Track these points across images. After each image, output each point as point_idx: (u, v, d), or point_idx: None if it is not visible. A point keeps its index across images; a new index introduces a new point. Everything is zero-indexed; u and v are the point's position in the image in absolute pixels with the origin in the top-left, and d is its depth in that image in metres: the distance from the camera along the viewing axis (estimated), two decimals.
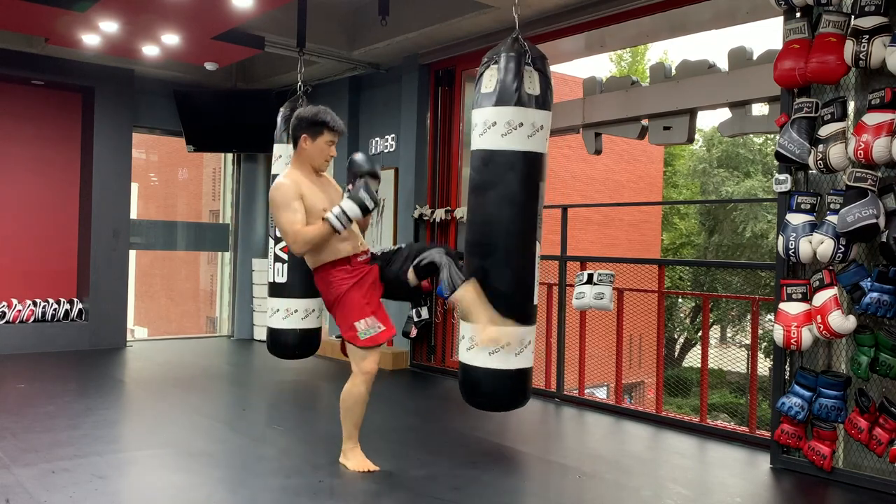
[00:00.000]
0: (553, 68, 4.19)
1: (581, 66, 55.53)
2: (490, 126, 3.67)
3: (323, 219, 3.42)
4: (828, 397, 3.51)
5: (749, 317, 10.34)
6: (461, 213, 6.27)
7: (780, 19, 3.83)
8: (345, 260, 3.55)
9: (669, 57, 22.65)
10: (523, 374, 3.77)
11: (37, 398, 5.03)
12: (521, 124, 3.66)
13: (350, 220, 3.42)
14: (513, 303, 3.68)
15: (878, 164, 3.30)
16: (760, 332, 5.23)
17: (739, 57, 4.82)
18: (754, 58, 4.75)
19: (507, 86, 3.64)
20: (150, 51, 6.36)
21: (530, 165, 3.71)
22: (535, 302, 3.85)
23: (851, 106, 3.57)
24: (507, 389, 3.76)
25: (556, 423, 4.88)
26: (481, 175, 3.75)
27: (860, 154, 3.27)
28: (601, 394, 9.87)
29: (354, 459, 3.61)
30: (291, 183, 3.48)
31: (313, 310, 5.49)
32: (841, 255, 3.38)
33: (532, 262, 3.77)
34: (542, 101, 3.72)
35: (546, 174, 3.88)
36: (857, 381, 3.52)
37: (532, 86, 3.69)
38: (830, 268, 3.51)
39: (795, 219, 3.59)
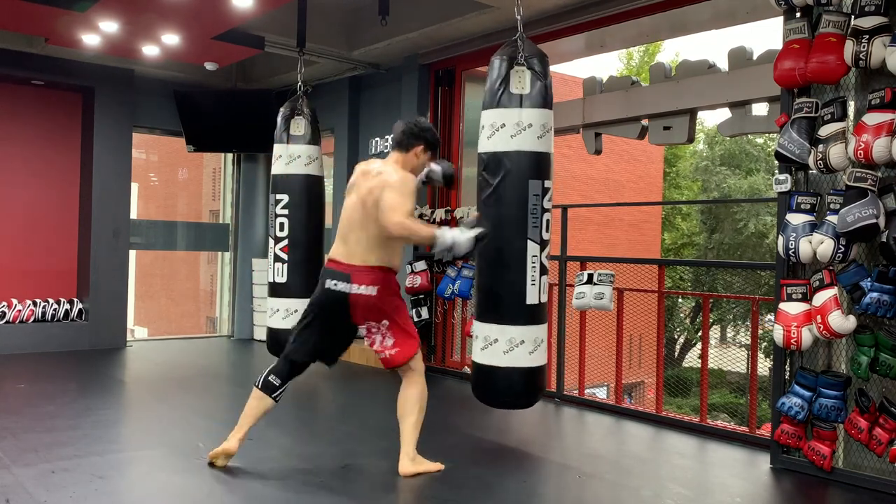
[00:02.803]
0: (553, 68, 4.22)
1: (585, 66, 55.40)
2: (526, 127, 3.72)
3: (436, 233, 3.35)
4: (828, 397, 3.51)
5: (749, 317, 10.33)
6: (461, 213, 6.27)
7: (780, 19, 3.83)
8: (394, 272, 3.56)
9: (680, 58, 22.64)
10: (527, 373, 3.82)
11: (37, 398, 5.03)
12: (551, 128, 3.85)
13: (449, 251, 3.35)
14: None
15: (878, 164, 3.30)
16: (760, 332, 5.23)
17: (739, 57, 4.82)
18: (754, 58, 4.76)
19: (549, 90, 3.81)
20: (150, 51, 6.36)
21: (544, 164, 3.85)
22: (534, 301, 3.85)
23: (851, 106, 3.57)
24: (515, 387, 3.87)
25: (556, 423, 4.88)
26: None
27: (860, 154, 3.27)
28: (601, 394, 9.87)
29: (428, 464, 3.57)
30: (414, 183, 3.48)
31: None
32: (841, 255, 3.38)
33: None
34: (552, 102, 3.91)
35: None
36: (857, 381, 3.51)
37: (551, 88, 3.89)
38: (830, 268, 3.50)
39: (795, 219, 3.59)
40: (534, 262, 3.77)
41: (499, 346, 3.82)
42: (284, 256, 5.62)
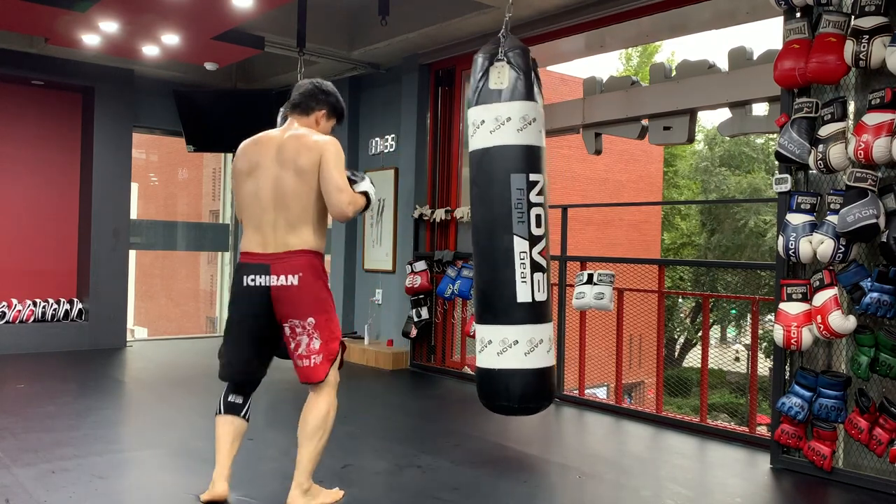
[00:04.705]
0: (553, 68, 4.22)
1: (586, 66, 55.46)
2: (505, 120, 3.67)
3: (369, 193, 3.01)
4: (828, 397, 3.51)
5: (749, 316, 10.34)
6: (461, 213, 6.27)
7: (780, 19, 3.83)
8: (321, 255, 3.05)
9: (676, 58, 22.64)
10: (525, 375, 3.75)
11: (37, 398, 5.03)
12: (535, 119, 3.75)
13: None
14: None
15: (878, 164, 3.30)
16: (760, 332, 5.23)
17: (739, 57, 4.81)
18: (754, 58, 4.75)
19: (529, 82, 3.73)
20: (150, 51, 6.36)
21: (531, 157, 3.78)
22: (526, 299, 3.71)
23: (851, 106, 3.57)
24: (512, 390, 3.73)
25: (556, 424, 4.88)
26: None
27: (860, 154, 3.27)
28: (601, 394, 9.88)
29: (326, 494, 3.13)
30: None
31: None
32: (841, 255, 3.38)
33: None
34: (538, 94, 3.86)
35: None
36: (857, 381, 3.51)
37: (538, 82, 3.82)
38: (830, 268, 3.51)
39: (795, 219, 3.59)
40: (522, 259, 3.66)
41: (493, 347, 3.73)
42: None
